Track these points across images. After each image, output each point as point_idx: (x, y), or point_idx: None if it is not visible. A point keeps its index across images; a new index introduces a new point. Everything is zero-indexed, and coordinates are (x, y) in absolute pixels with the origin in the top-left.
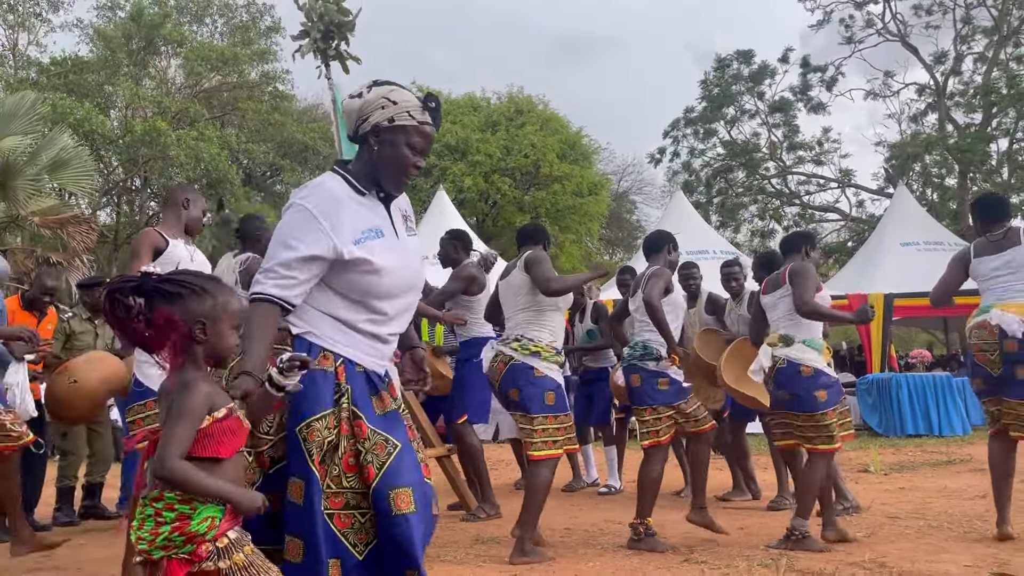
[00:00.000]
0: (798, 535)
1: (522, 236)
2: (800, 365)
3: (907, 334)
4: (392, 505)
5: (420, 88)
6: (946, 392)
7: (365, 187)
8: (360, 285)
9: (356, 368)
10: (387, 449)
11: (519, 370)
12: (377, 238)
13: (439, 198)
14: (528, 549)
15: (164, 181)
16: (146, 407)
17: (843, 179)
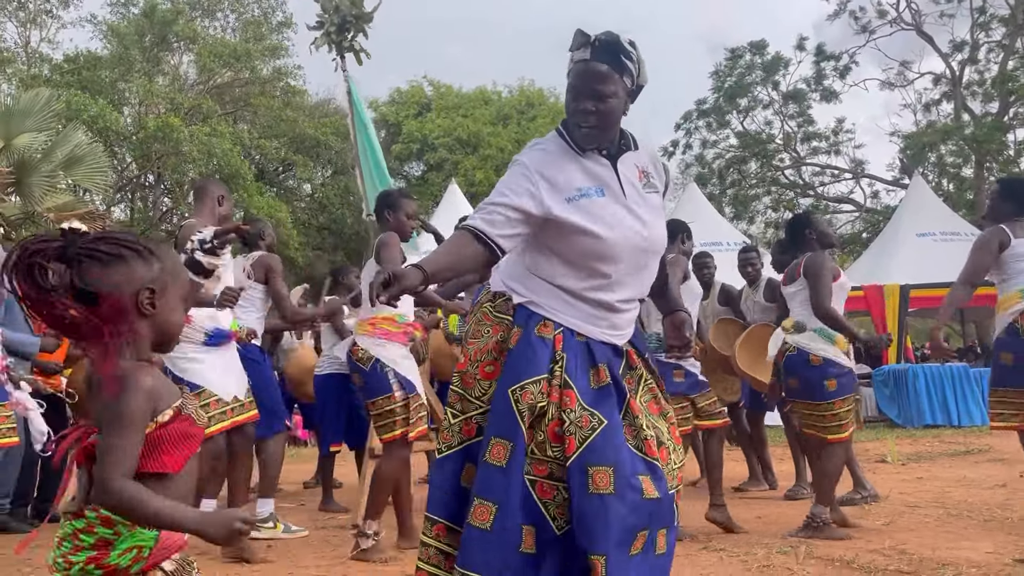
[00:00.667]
0: (818, 523)
1: None
2: (809, 354)
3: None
4: (589, 482)
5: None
6: (964, 383)
7: (583, 147)
8: (578, 247)
9: (576, 337)
10: (591, 424)
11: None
12: (595, 196)
13: (451, 191)
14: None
15: (177, 177)
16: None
17: (857, 169)
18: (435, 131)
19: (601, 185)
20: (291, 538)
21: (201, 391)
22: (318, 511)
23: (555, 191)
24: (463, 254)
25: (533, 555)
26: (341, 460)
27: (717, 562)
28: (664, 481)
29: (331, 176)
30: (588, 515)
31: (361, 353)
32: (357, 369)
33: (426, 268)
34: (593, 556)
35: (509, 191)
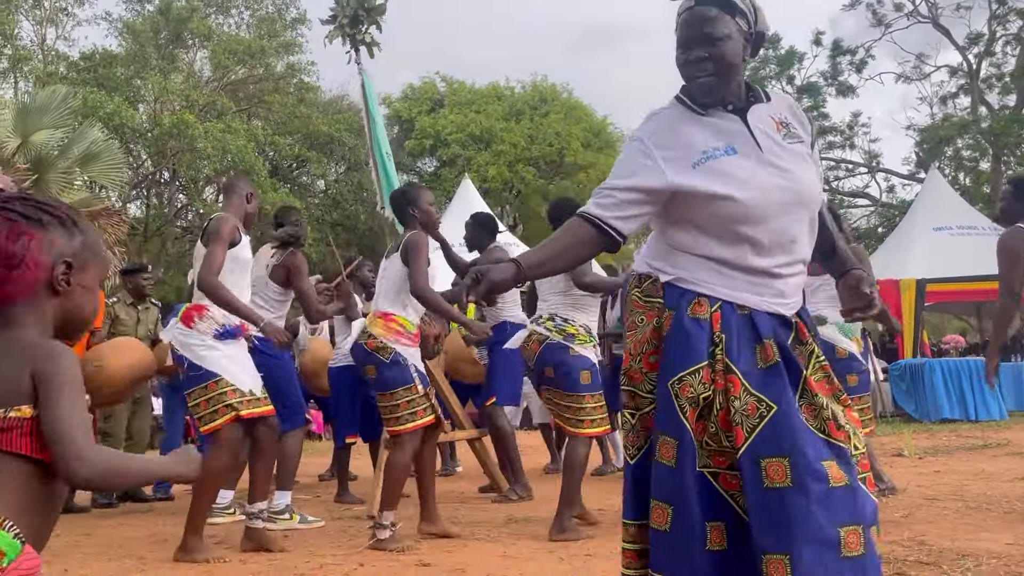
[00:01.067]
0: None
1: (554, 215)
2: (836, 347)
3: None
4: (763, 476)
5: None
6: (981, 376)
7: (704, 105)
8: (715, 214)
9: (738, 311)
10: (759, 411)
11: (554, 349)
12: (723, 156)
13: (464, 187)
14: (567, 525)
15: (192, 174)
16: (208, 388)
17: (873, 163)
18: (448, 127)
19: (730, 143)
20: (308, 528)
21: (219, 379)
22: (333, 503)
23: (677, 160)
24: (571, 243)
25: (723, 551)
26: (356, 453)
27: None
28: (853, 467)
29: (344, 172)
30: (766, 512)
31: (378, 344)
32: (373, 361)
33: (522, 262)
34: (775, 556)
35: (625, 170)
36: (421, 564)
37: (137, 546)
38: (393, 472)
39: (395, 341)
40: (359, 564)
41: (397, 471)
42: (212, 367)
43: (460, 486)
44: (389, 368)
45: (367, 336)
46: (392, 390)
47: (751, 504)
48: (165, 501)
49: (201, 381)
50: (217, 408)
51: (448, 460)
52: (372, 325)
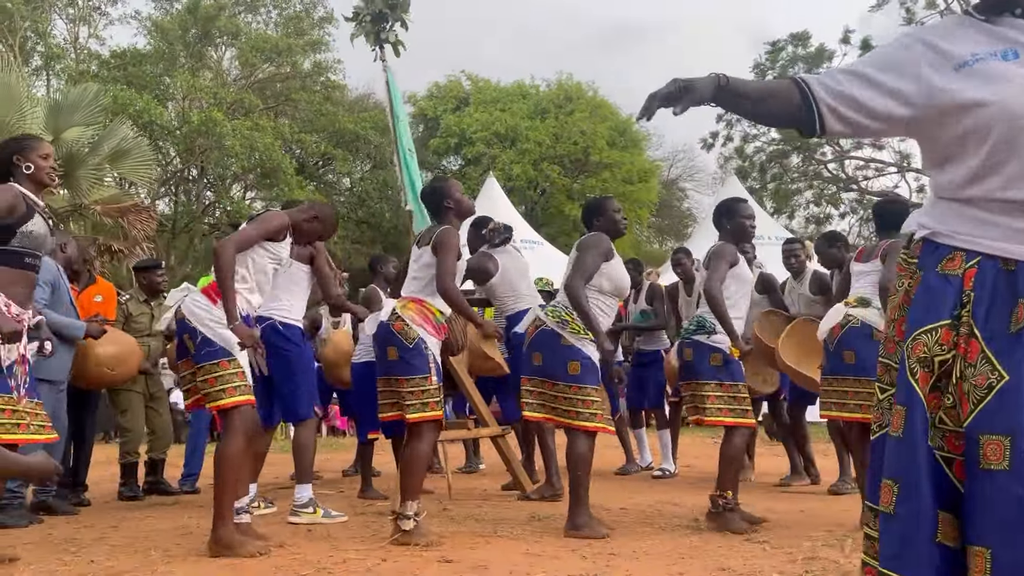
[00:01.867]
0: None
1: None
2: (874, 328)
3: None
4: (979, 455)
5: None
6: None
7: (989, 11)
8: (974, 127)
9: (1002, 267)
10: (988, 381)
11: (546, 335)
12: (996, 60)
13: (489, 185)
14: (581, 523)
15: (220, 171)
16: (219, 366)
17: (903, 163)
18: (473, 125)
19: (1013, 47)
20: (331, 523)
21: (232, 359)
22: (357, 499)
23: (942, 60)
24: (771, 95)
25: (955, 550)
26: (379, 449)
27: (761, 553)
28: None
29: (370, 170)
30: (974, 496)
31: (405, 327)
32: (395, 343)
33: (728, 77)
34: (977, 548)
35: (874, 60)
36: (444, 560)
37: (163, 538)
38: (412, 463)
39: (422, 327)
40: (381, 559)
41: (417, 461)
42: (228, 346)
43: (483, 483)
44: (410, 354)
45: (396, 318)
46: (408, 376)
47: (965, 488)
48: (191, 494)
49: (214, 358)
50: (226, 388)
51: (472, 457)
52: (404, 308)
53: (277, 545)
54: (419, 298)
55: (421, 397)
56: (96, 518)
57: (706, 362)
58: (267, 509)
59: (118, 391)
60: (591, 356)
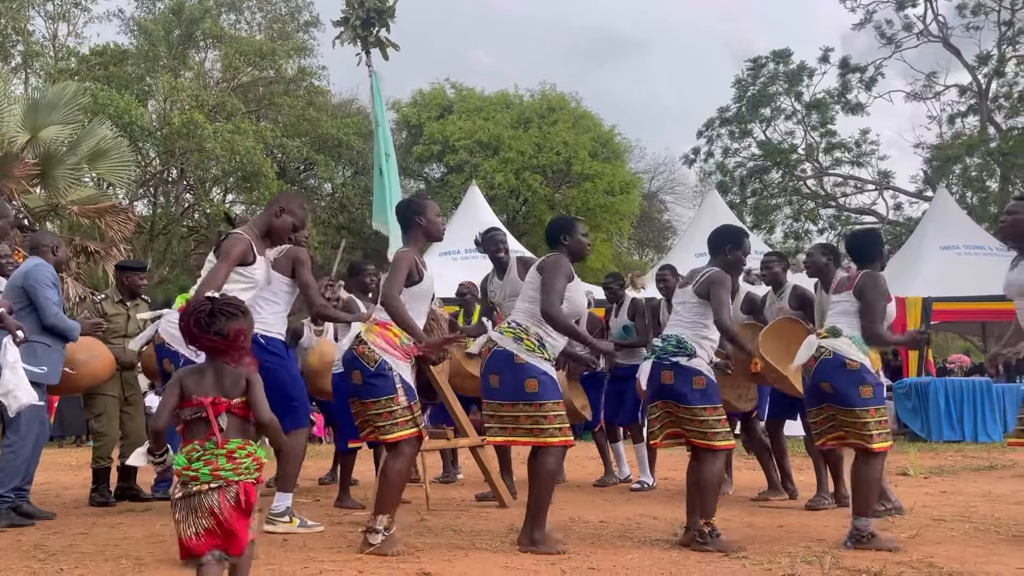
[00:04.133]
0: (866, 536)
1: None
2: (846, 359)
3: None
4: None
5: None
6: (984, 398)
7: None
8: None
9: None
10: None
11: (499, 356)
12: None
13: (471, 193)
14: (539, 538)
15: (200, 174)
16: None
17: (881, 181)
18: (456, 133)
19: None
20: (307, 533)
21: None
22: (333, 508)
23: None
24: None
25: None
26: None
27: (740, 570)
28: None
29: (352, 176)
30: None
31: (368, 352)
32: (360, 368)
33: None
34: None
35: None
36: (422, 572)
37: (134, 546)
38: (389, 478)
39: (384, 351)
40: (358, 571)
41: (393, 477)
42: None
43: (462, 493)
44: (373, 377)
45: (359, 342)
46: (374, 399)
47: None
48: (164, 501)
49: None
50: None
51: (450, 467)
52: (367, 332)
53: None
54: (384, 321)
55: (391, 418)
56: (66, 524)
57: (690, 385)
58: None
59: (92, 394)
60: (548, 372)
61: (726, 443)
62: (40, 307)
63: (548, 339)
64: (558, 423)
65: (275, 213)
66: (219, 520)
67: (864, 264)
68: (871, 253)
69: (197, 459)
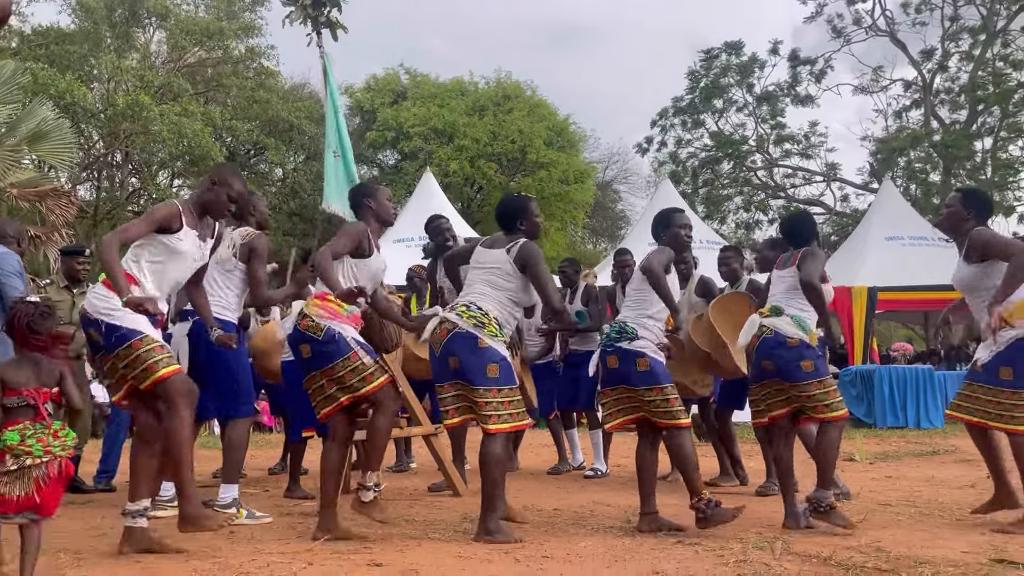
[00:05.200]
0: (824, 507)
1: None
2: (786, 337)
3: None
4: None
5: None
6: (927, 385)
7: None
8: None
9: None
10: None
11: (462, 338)
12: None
13: (426, 180)
14: (493, 528)
15: (146, 157)
16: (132, 347)
17: (829, 173)
18: (410, 120)
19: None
20: (255, 524)
21: (143, 336)
22: (283, 498)
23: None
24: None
25: None
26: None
27: (693, 556)
28: None
29: (304, 161)
30: None
31: (311, 323)
32: (307, 339)
33: None
34: None
35: None
36: (373, 564)
37: (74, 539)
38: (377, 435)
39: (328, 320)
40: (307, 563)
41: (381, 434)
42: (133, 325)
43: (415, 483)
44: (324, 344)
45: (301, 317)
46: (331, 363)
47: None
48: (106, 492)
49: (123, 341)
50: (147, 365)
51: (403, 456)
52: (308, 306)
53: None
54: (322, 293)
55: (357, 374)
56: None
57: (634, 367)
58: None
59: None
60: (507, 357)
61: (684, 421)
62: (5, 296)
63: (506, 325)
64: (513, 408)
65: (208, 187)
66: (40, 488)
67: (801, 246)
68: (806, 234)
69: (30, 436)
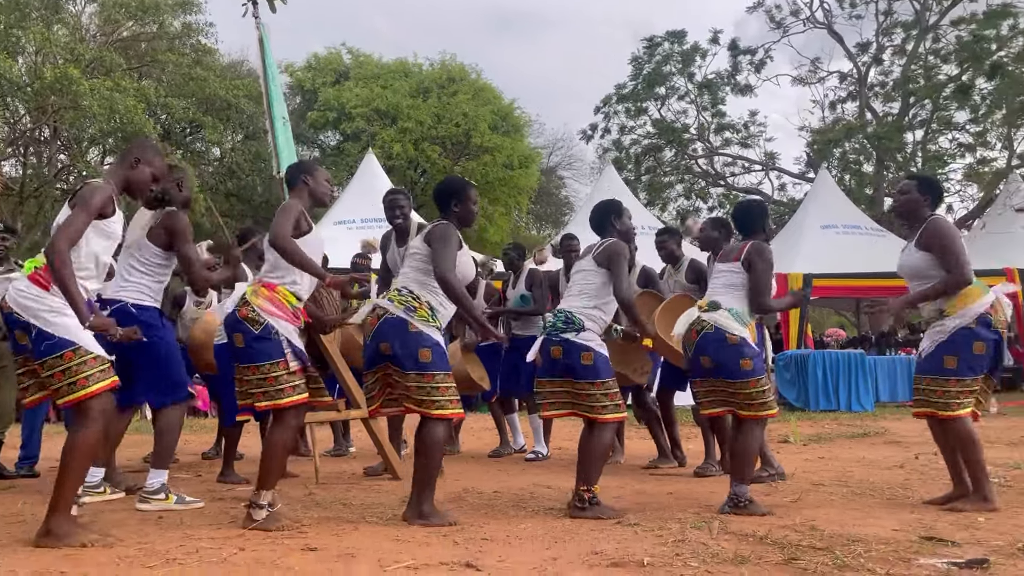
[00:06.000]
0: (743, 502)
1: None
2: (726, 333)
3: (819, 315)
4: None
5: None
6: (858, 370)
7: None
8: None
9: None
10: None
11: (392, 324)
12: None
13: (368, 162)
14: (428, 511)
15: (75, 132)
16: (64, 359)
17: (767, 162)
18: (352, 100)
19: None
20: (184, 509)
21: (76, 348)
22: (216, 483)
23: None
24: None
25: None
26: (244, 431)
27: (632, 536)
28: None
29: (242, 141)
30: None
31: (252, 313)
32: (242, 330)
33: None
34: None
35: None
36: (307, 548)
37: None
38: (272, 450)
39: (270, 314)
40: (239, 548)
41: (276, 449)
42: (67, 335)
43: (353, 467)
44: (257, 340)
45: (243, 303)
46: (258, 363)
47: None
48: (29, 478)
49: (55, 350)
50: (77, 379)
51: (340, 440)
52: (253, 295)
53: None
54: (271, 283)
55: (275, 383)
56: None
57: (578, 360)
58: (114, 495)
59: None
60: (440, 342)
61: (615, 415)
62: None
63: (440, 309)
64: (449, 394)
65: (131, 164)
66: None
67: (749, 235)
68: (756, 223)
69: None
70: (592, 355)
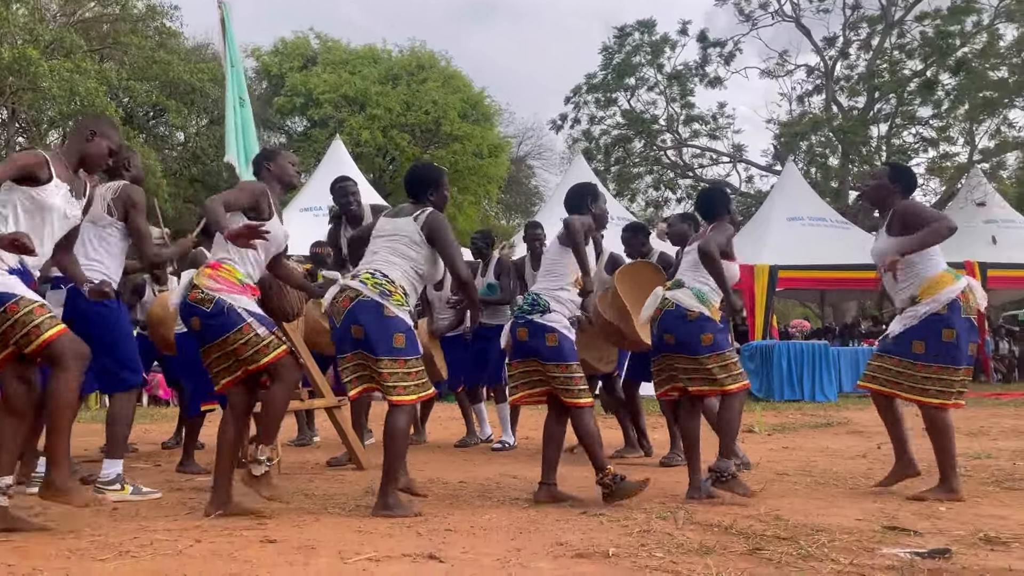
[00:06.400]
0: (726, 476)
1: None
2: (686, 310)
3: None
4: None
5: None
6: (822, 361)
7: None
8: None
9: None
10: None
11: (366, 307)
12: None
13: (335, 148)
14: (392, 502)
15: (34, 115)
16: (8, 312)
17: (735, 154)
18: (320, 86)
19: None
20: (141, 500)
21: (19, 299)
22: (175, 472)
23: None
24: None
25: None
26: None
27: (598, 527)
28: None
29: (207, 125)
30: None
31: (200, 295)
32: (196, 312)
33: None
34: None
35: None
36: (266, 540)
37: None
38: (272, 406)
39: (218, 291)
40: (195, 540)
41: (276, 405)
42: (4, 288)
43: (317, 457)
44: (212, 317)
45: (190, 288)
46: (221, 337)
47: None
48: None
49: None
50: (29, 330)
51: (305, 429)
52: (198, 277)
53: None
54: (215, 262)
55: (250, 347)
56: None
57: (543, 341)
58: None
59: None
60: (411, 327)
61: (586, 400)
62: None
63: (412, 293)
64: (418, 379)
65: (86, 137)
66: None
67: (712, 220)
68: (719, 208)
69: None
70: (556, 336)
